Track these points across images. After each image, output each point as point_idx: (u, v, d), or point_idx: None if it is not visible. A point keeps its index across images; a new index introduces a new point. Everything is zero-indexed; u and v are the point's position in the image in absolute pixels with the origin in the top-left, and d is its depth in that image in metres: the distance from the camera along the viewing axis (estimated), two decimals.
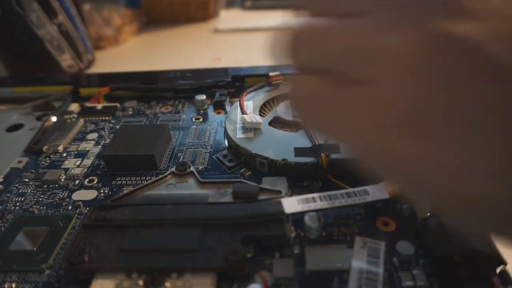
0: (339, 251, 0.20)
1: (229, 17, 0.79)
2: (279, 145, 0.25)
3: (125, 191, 0.23)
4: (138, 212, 0.21)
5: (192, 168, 0.25)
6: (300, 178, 0.24)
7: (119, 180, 0.26)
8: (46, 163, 0.28)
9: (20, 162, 0.28)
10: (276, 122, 0.28)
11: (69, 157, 0.29)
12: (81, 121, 0.33)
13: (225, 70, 0.38)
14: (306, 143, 0.25)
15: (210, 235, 0.19)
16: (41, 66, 0.49)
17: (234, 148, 0.27)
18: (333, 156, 0.23)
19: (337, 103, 0.13)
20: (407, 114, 0.12)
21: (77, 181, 0.26)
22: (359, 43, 0.12)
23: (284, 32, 0.14)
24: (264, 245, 0.20)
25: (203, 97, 0.34)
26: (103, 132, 0.32)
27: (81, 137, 0.31)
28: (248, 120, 0.27)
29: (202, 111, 0.34)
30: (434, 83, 0.11)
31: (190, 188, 0.23)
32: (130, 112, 0.35)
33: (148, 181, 0.24)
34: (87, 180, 0.26)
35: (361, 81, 0.12)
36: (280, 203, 0.20)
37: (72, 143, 0.30)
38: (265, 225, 0.20)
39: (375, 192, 0.20)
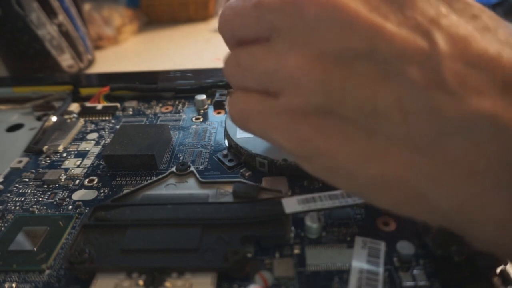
0: (339, 251, 0.20)
1: None
2: None
3: (125, 191, 0.23)
4: (138, 212, 0.21)
5: (192, 168, 0.25)
6: (300, 178, 0.24)
7: (119, 180, 0.26)
8: (46, 163, 0.28)
9: (20, 162, 0.28)
10: None
11: (69, 157, 0.29)
12: (81, 121, 0.33)
13: None
14: None
15: (210, 235, 0.19)
16: (41, 66, 0.49)
17: (234, 148, 0.27)
18: None
19: (266, 113, 0.16)
20: (314, 112, 0.15)
21: (77, 181, 0.26)
22: (267, 66, 0.16)
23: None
24: (264, 245, 0.20)
25: (203, 97, 0.34)
26: (103, 132, 0.32)
27: (81, 137, 0.31)
28: None
29: (202, 111, 0.34)
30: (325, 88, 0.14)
31: (190, 188, 0.23)
32: (130, 112, 0.35)
33: (148, 181, 0.24)
34: (87, 180, 0.26)
35: (274, 94, 0.16)
36: (280, 203, 0.20)
37: (72, 143, 0.30)
38: (265, 225, 0.20)
39: None
